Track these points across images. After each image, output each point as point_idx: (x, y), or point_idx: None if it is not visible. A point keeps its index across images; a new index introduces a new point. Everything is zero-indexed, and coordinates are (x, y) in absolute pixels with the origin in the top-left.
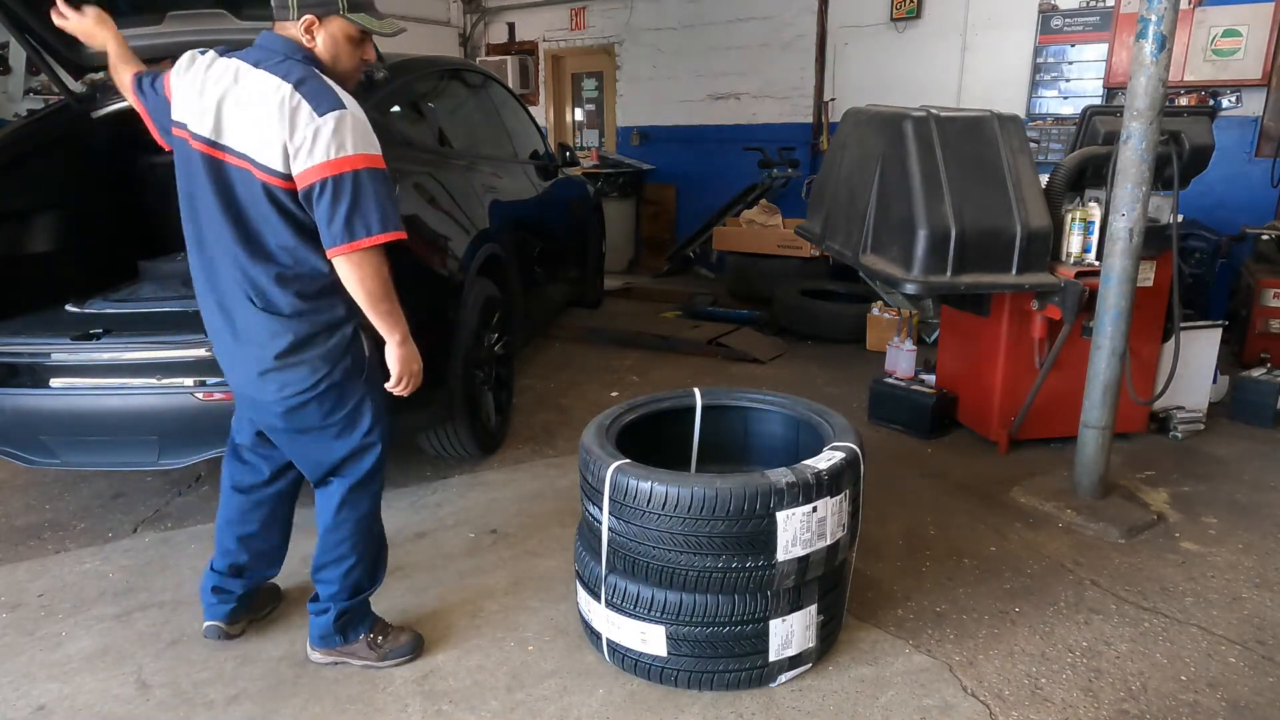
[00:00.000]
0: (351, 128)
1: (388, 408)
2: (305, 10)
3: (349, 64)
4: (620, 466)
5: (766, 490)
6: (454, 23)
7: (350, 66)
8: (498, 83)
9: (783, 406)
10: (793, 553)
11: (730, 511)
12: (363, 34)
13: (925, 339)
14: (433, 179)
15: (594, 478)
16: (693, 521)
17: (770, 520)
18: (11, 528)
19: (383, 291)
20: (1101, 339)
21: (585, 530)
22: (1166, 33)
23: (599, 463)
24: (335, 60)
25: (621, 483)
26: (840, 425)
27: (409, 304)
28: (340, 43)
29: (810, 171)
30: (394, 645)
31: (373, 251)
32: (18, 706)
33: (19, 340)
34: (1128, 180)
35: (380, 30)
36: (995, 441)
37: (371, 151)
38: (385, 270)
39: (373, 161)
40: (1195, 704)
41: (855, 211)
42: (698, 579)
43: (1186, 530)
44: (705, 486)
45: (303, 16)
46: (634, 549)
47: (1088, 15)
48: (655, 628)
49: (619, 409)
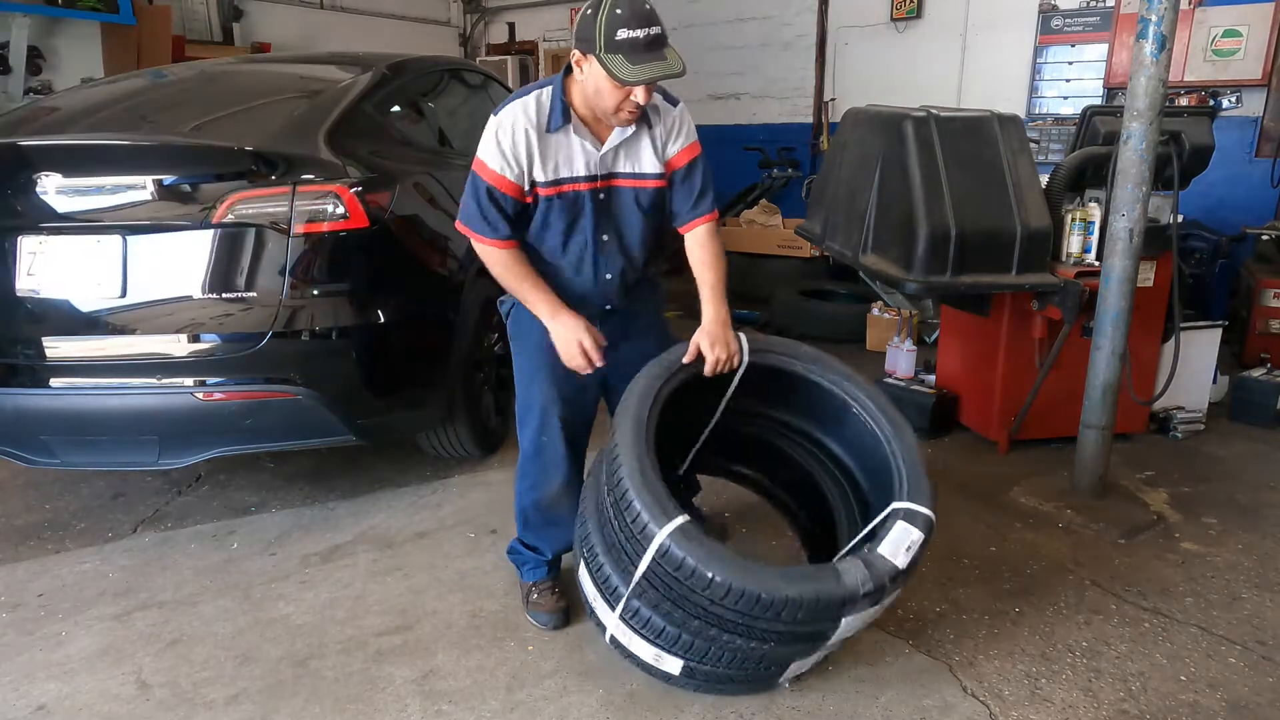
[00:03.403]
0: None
1: (525, 380)
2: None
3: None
4: (676, 535)
5: (840, 600)
6: (454, 23)
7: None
8: (498, 82)
9: (847, 393)
10: (845, 634)
11: (795, 618)
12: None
13: (925, 339)
14: (433, 179)
15: (634, 521)
16: (750, 615)
17: (835, 623)
18: (11, 528)
19: (501, 274)
20: (1101, 339)
21: (608, 534)
22: (1166, 33)
23: (644, 511)
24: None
25: (675, 556)
26: (912, 467)
27: (409, 304)
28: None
29: (810, 171)
30: (537, 608)
31: (477, 241)
32: (18, 706)
33: None
34: (1128, 180)
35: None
36: (995, 441)
37: (479, 156)
38: (495, 256)
39: (476, 165)
40: (1195, 704)
41: (855, 211)
42: (737, 648)
43: (1186, 530)
44: (774, 590)
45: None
46: (671, 604)
47: (1088, 15)
48: (673, 659)
49: (654, 376)
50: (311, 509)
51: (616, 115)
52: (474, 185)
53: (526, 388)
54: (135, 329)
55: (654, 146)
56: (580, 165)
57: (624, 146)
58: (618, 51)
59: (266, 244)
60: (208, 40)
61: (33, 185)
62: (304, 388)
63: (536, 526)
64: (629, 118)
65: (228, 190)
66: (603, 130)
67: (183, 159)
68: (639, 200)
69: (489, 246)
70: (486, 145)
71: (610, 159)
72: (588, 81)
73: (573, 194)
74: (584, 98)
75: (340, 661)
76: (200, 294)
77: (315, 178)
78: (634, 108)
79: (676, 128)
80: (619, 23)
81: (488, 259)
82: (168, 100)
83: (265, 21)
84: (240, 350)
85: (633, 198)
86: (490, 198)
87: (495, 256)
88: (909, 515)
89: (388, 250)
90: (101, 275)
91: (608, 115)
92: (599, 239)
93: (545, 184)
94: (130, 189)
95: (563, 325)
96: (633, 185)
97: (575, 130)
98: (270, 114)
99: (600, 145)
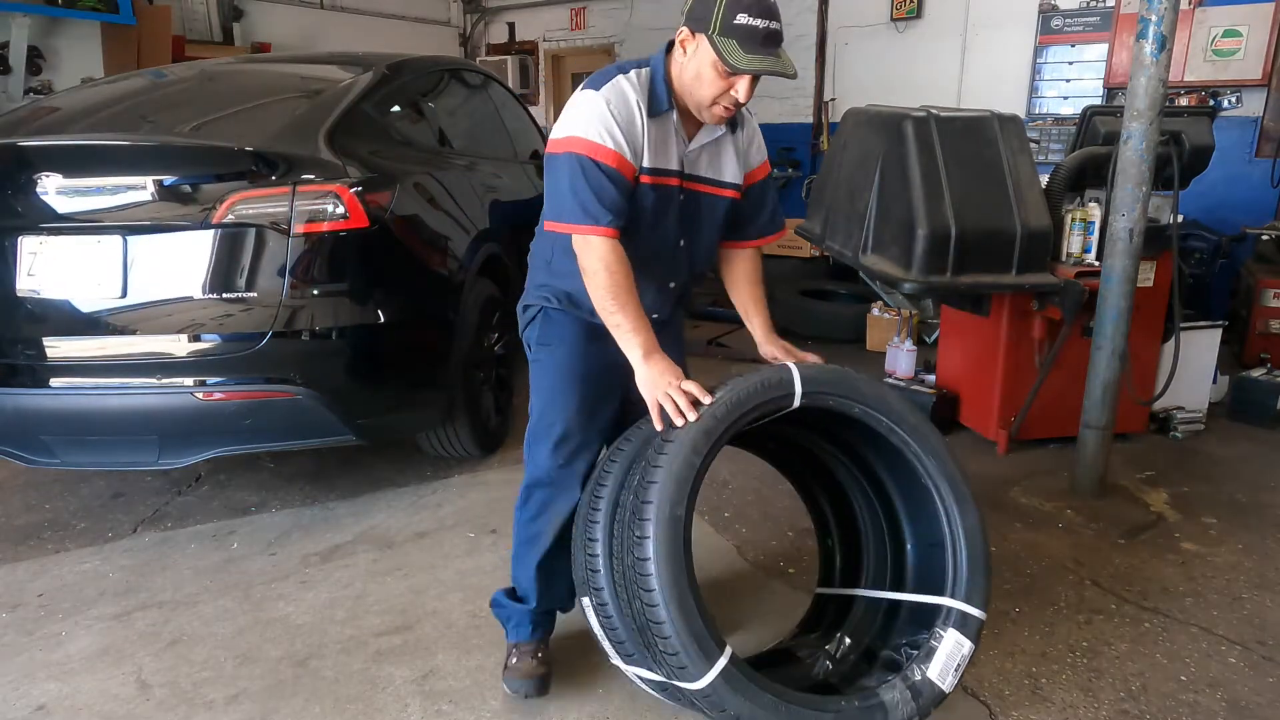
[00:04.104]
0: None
1: (546, 397)
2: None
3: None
4: (718, 684)
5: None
6: (454, 23)
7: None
8: (498, 82)
9: (910, 448)
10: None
11: None
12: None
13: (925, 339)
14: (433, 179)
15: (668, 649)
16: None
17: None
18: (11, 528)
19: (601, 279)
20: (1101, 339)
21: (627, 614)
22: (1166, 33)
23: (683, 649)
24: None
25: (716, 701)
26: (974, 558)
27: (409, 303)
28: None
29: (810, 171)
30: (511, 674)
31: (577, 234)
32: (17, 706)
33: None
34: (1128, 180)
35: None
36: (995, 441)
37: (576, 134)
38: (598, 252)
39: (569, 144)
40: (1195, 704)
41: (855, 211)
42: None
43: (1186, 530)
44: None
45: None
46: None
47: (1088, 15)
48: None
49: (695, 437)
50: (311, 509)
51: (711, 109)
52: (570, 168)
53: (547, 405)
54: (135, 329)
55: (737, 155)
56: (674, 158)
57: (709, 149)
58: (733, 36)
59: (267, 244)
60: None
61: (33, 185)
62: (304, 387)
63: (533, 567)
64: (723, 114)
65: (228, 190)
66: (690, 126)
67: (183, 159)
68: (716, 209)
69: (594, 237)
70: (589, 120)
71: (694, 159)
72: (689, 64)
73: (666, 188)
74: (680, 83)
75: (340, 661)
76: (200, 294)
77: (315, 178)
78: (732, 104)
79: (757, 139)
80: (741, 7)
81: (589, 258)
82: (168, 100)
83: (265, 21)
84: (240, 350)
85: (711, 206)
86: (599, 176)
87: (598, 253)
88: (962, 621)
89: (388, 250)
90: (102, 275)
91: (701, 107)
92: (676, 242)
93: (648, 170)
94: (130, 189)
95: (658, 370)
96: (712, 192)
97: (674, 118)
98: (270, 114)
99: (688, 141)
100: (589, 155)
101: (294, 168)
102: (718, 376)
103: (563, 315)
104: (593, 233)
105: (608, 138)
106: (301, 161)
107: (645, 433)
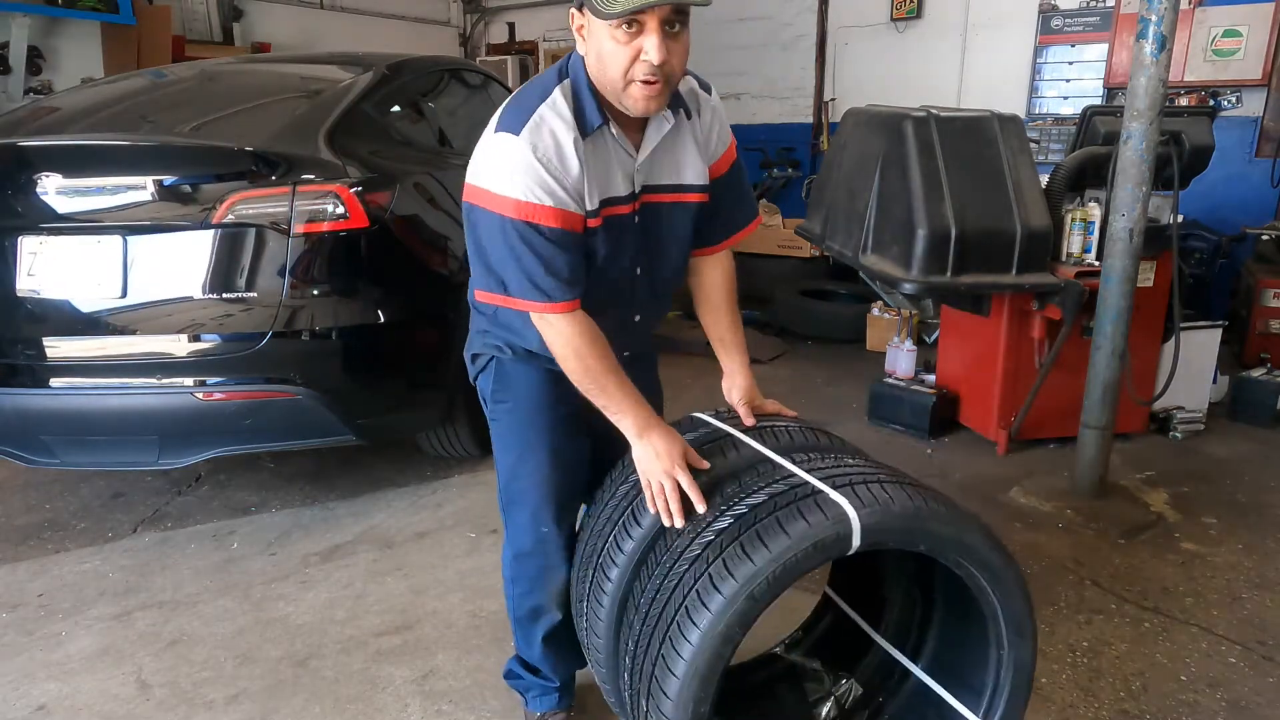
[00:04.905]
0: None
1: (513, 457)
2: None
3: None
4: None
5: None
6: (454, 23)
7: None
8: (498, 83)
9: (981, 591)
10: None
11: None
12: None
13: (925, 339)
14: (433, 179)
15: None
16: None
17: None
18: (11, 528)
19: (575, 359)
20: (1101, 339)
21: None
22: (1166, 33)
23: None
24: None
25: None
26: (1017, 685)
27: (409, 303)
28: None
29: (810, 171)
30: None
31: (537, 312)
32: (18, 706)
33: None
34: (1128, 180)
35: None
36: (995, 441)
37: (502, 192)
38: (565, 331)
39: (496, 204)
40: (1195, 704)
41: (855, 211)
42: None
43: (1186, 530)
44: None
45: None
46: None
47: (1088, 15)
48: None
49: (729, 627)
50: (311, 509)
51: (628, 91)
52: (504, 234)
53: (514, 467)
54: (135, 329)
55: (697, 146)
56: (620, 180)
57: (662, 149)
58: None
59: (267, 244)
60: (208, 40)
61: (33, 185)
62: (304, 387)
63: (539, 642)
64: (646, 93)
65: (228, 190)
66: (633, 132)
67: (183, 159)
68: (679, 220)
69: (554, 315)
70: (515, 175)
71: (647, 168)
72: (590, 50)
73: (616, 219)
74: (594, 78)
75: (340, 661)
76: (200, 294)
77: (315, 178)
78: (649, 72)
79: (717, 119)
80: None
81: (552, 340)
82: (168, 100)
83: (265, 21)
84: (240, 350)
85: (673, 217)
86: (542, 243)
87: (562, 334)
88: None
89: (388, 250)
90: (102, 275)
91: (619, 94)
92: (633, 273)
93: (593, 212)
94: (130, 189)
95: (654, 450)
96: (674, 200)
97: (612, 130)
98: (270, 114)
99: (635, 151)
100: (524, 219)
101: (294, 168)
102: (716, 375)
103: (517, 365)
104: (549, 310)
105: (544, 195)
106: (301, 161)
107: (748, 456)
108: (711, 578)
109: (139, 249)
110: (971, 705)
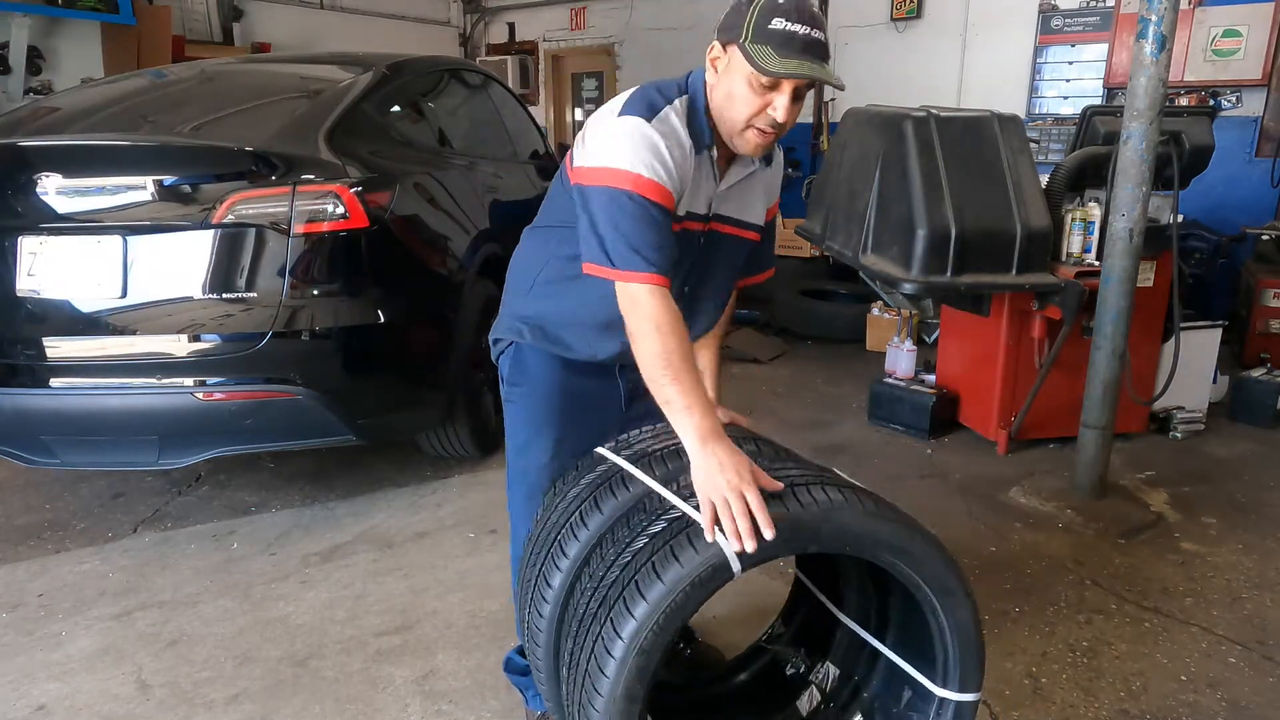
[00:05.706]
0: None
1: (523, 441)
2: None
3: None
4: None
5: None
6: (454, 23)
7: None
8: (498, 82)
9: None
10: None
11: None
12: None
13: (925, 339)
14: (433, 179)
15: None
16: None
17: None
18: (11, 528)
19: (654, 337)
20: (1101, 339)
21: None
22: (1166, 33)
23: None
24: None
25: None
26: (965, 644)
27: (409, 303)
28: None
29: (810, 171)
30: None
31: (627, 282)
32: (18, 706)
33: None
34: (1128, 180)
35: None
36: (995, 441)
37: (626, 168)
38: (651, 304)
39: (616, 178)
40: (1195, 704)
41: (855, 211)
42: None
43: (1186, 530)
44: None
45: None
46: None
47: (1088, 15)
48: None
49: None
50: (311, 509)
51: (745, 134)
52: (614, 204)
53: (524, 452)
54: (135, 329)
55: (765, 191)
56: (702, 200)
57: (739, 186)
58: (768, 42)
59: (267, 244)
60: (208, 40)
61: (33, 185)
62: (304, 388)
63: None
64: (759, 141)
65: (228, 190)
66: (723, 161)
67: (183, 159)
68: (735, 252)
69: (642, 287)
70: (639, 151)
71: (723, 198)
72: (720, 83)
73: (688, 233)
74: (713, 107)
75: (340, 661)
76: (200, 294)
77: (315, 178)
78: (769, 125)
79: (779, 174)
80: (777, 11)
81: (636, 316)
82: (168, 100)
83: (265, 21)
84: (240, 350)
85: (730, 248)
86: (649, 215)
87: (647, 310)
88: (959, 711)
89: (388, 250)
90: (102, 275)
91: (734, 133)
92: (681, 290)
93: (679, 216)
94: (130, 189)
95: (718, 461)
96: (735, 234)
97: (712, 154)
98: (270, 114)
99: (720, 179)
100: (638, 191)
101: (294, 168)
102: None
103: (534, 352)
104: (644, 280)
105: (662, 174)
106: (301, 161)
107: (639, 492)
108: (604, 640)
109: (139, 249)
110: (930, 675)
